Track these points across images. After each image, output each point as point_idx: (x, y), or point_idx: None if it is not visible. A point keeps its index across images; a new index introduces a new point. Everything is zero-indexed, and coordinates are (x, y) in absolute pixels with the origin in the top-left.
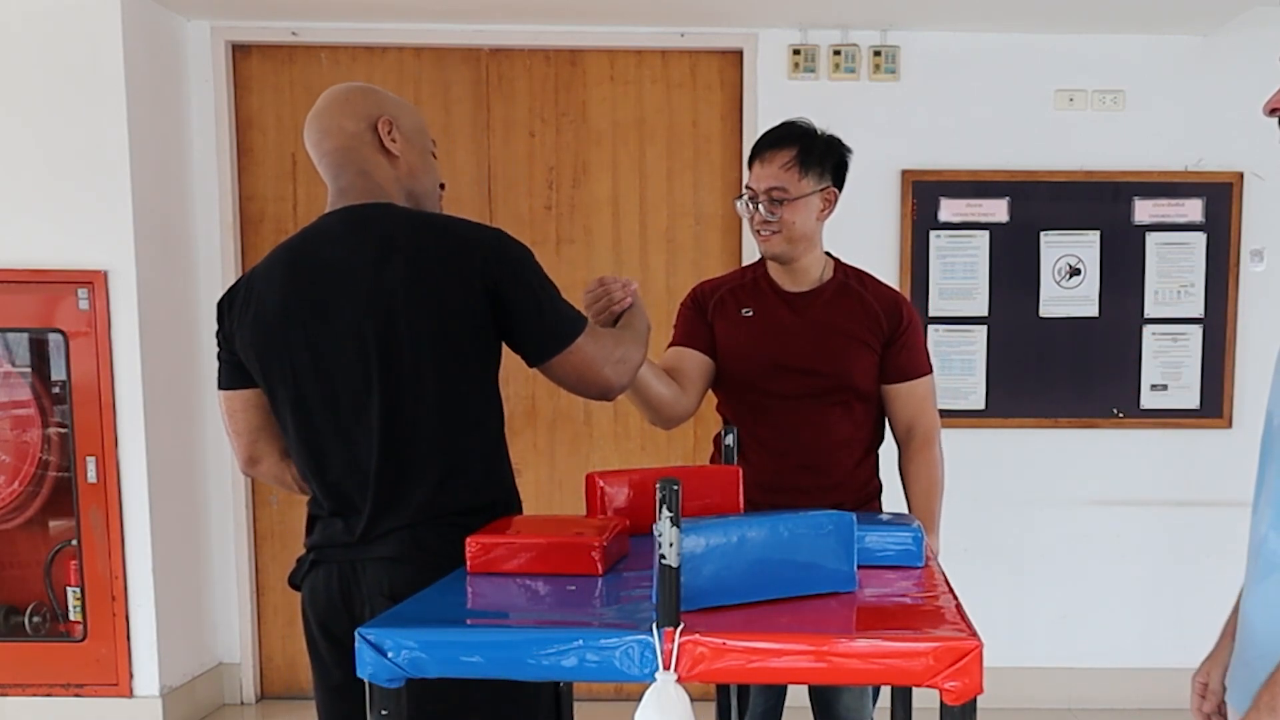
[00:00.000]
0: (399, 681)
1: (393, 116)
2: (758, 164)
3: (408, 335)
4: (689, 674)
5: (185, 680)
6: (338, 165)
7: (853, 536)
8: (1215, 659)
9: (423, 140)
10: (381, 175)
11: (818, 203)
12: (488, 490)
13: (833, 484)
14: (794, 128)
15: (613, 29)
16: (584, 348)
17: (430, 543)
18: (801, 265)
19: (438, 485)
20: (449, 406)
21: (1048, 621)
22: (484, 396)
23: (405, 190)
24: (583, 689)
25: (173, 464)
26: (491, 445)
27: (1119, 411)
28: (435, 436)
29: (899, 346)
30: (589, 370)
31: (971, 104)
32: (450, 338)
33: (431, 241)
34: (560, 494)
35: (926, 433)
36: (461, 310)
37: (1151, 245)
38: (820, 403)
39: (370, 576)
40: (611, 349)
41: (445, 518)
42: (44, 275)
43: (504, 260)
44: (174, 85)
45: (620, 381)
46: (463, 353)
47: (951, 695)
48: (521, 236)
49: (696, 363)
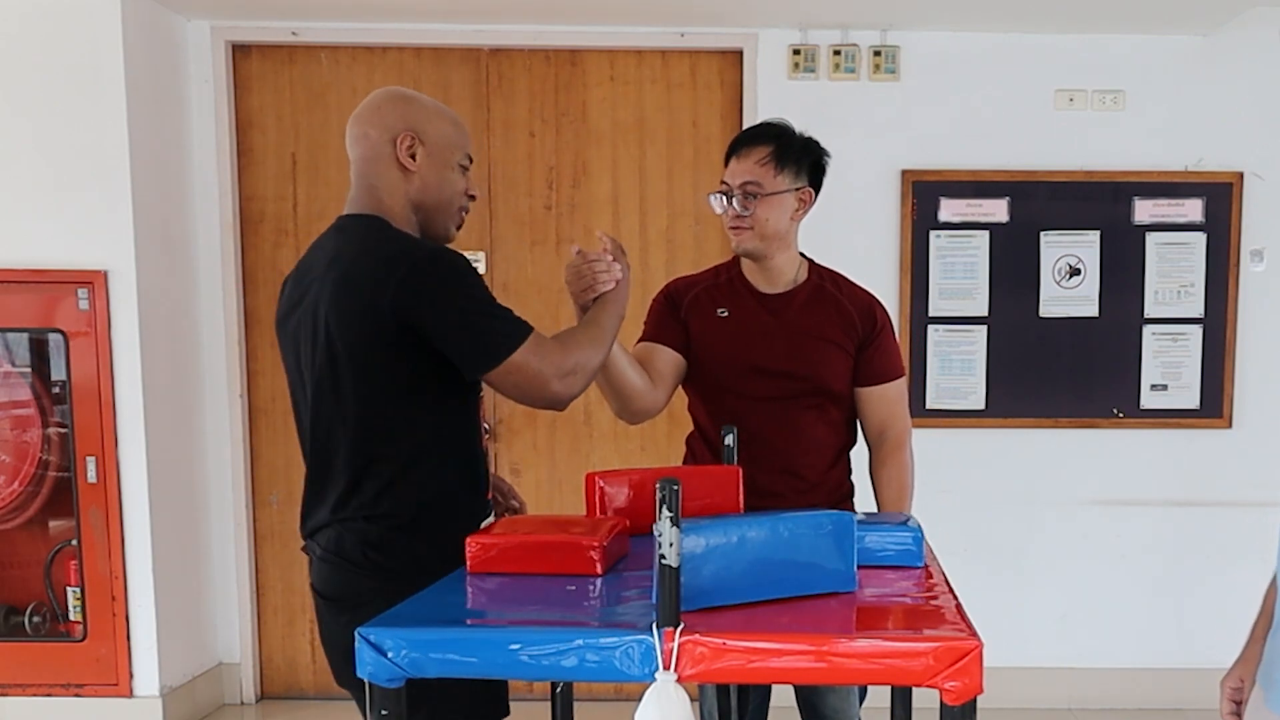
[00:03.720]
0: (399, 681)
1: (418, 131)
2: (734, 160)
3: (330, 346)
4: (689, 674)
5: (185, 680)
6: (357, 174)
7: (853, 536)
8: (1247, 662)
9: (450, 155)
10: (387, 189)
11: (792, 201)
12: (393, 499)
13: (808, 486)
14: (771, 126)
15: (613, 29)
16: (521, 363)
17: (347, 544)
18: (775, 265)
19: (351, 488)
20: (366, 416)
21: (1048, 621)
22: (409, 408)
23: (413, 205)
24: (583, 689)
25: (173, 464)
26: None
27: (1119, 411)
28: (352, 441)
29: (873, 349)
30: (530, 385)
31: (971, 104)
32: (367, 353)
33: (359, 263)
34: (560, 494)
35: (899, 436)
36: (374, 331)
37: (1151, 245)
38: (795, 405)
39: (312, 569)
40: (559, 360)
41: (359, 520)
42: (44, 275)
43: (420, 283)
44: (174, 85)
45: (570, 393)
46: (381, 367)
47: (951, 695)
48: (521, 236)
49: (667, 359)
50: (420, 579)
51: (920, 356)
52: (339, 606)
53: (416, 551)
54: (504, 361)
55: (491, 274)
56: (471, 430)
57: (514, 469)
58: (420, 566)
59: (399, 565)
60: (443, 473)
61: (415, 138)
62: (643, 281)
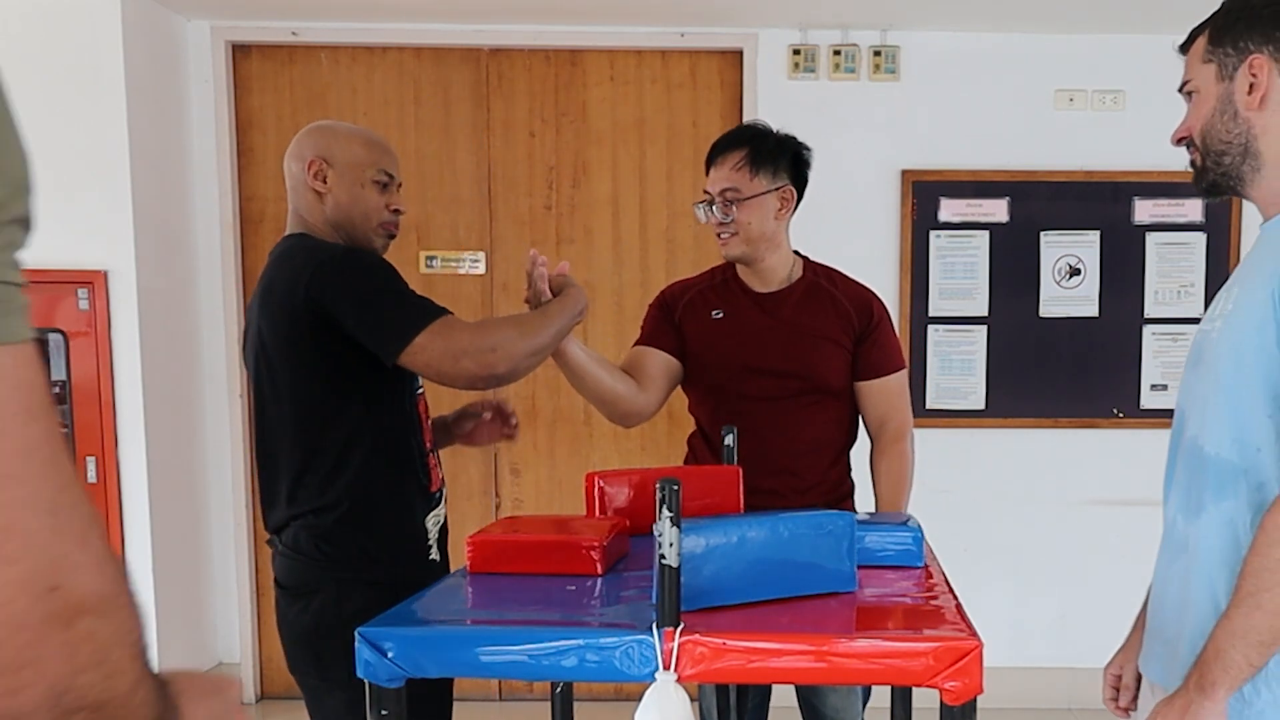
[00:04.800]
0: (399, 681)
1: (326, 155)
2: (713, 168)
3: (264, 350)
4: (689, 674)
5: None
6: (290, 201)
7: (853, 536)
8: (1128, 651)
9: (361, 173)
10: (308, 211)
11: (773, 202)
12: (334, 489)
13: (806, 486)
14: (746, 129)
15: (613, 29)
16: (427, 344)
17: (303, 539)
18: (767, 266)
19: (296, 481)
20: (300, 410)
21: (1048, 621)
22: (338, 399)
23: (332, 224)
24: (583, 689)
25: (173, 464)
26: (348, 444)
27: (1119, 411)
28: (291, 436)
29: (870, 343)
30: (441, 364)
31: (971, 104)
32: (293, 349)
33: (281, 271)
34: (560, 494)
35: (899, 428)
36: (295, 327)
37: (1151, 245)
38: (792, 404)
39: (274, 562)
40: (471, 339)
41: (310, 515)
42: (44, 275)
43: (328, 277)
44: (174, 85)
45: (490, 372)
46: (307, 361)
47: (951, 695)
48: (521, 236)
49: (658, 362)
50: (370, 568)
51: (920, 356)
52: (292, 594)
53: (360, 541)
54: (411, 342)
55: (491, 274)
56: (407, 421)
57: (514, 469)
58: (368, 555)
59: (346, 555)
60: (377, 461)
61: (324, 161)
62: (643, 282)
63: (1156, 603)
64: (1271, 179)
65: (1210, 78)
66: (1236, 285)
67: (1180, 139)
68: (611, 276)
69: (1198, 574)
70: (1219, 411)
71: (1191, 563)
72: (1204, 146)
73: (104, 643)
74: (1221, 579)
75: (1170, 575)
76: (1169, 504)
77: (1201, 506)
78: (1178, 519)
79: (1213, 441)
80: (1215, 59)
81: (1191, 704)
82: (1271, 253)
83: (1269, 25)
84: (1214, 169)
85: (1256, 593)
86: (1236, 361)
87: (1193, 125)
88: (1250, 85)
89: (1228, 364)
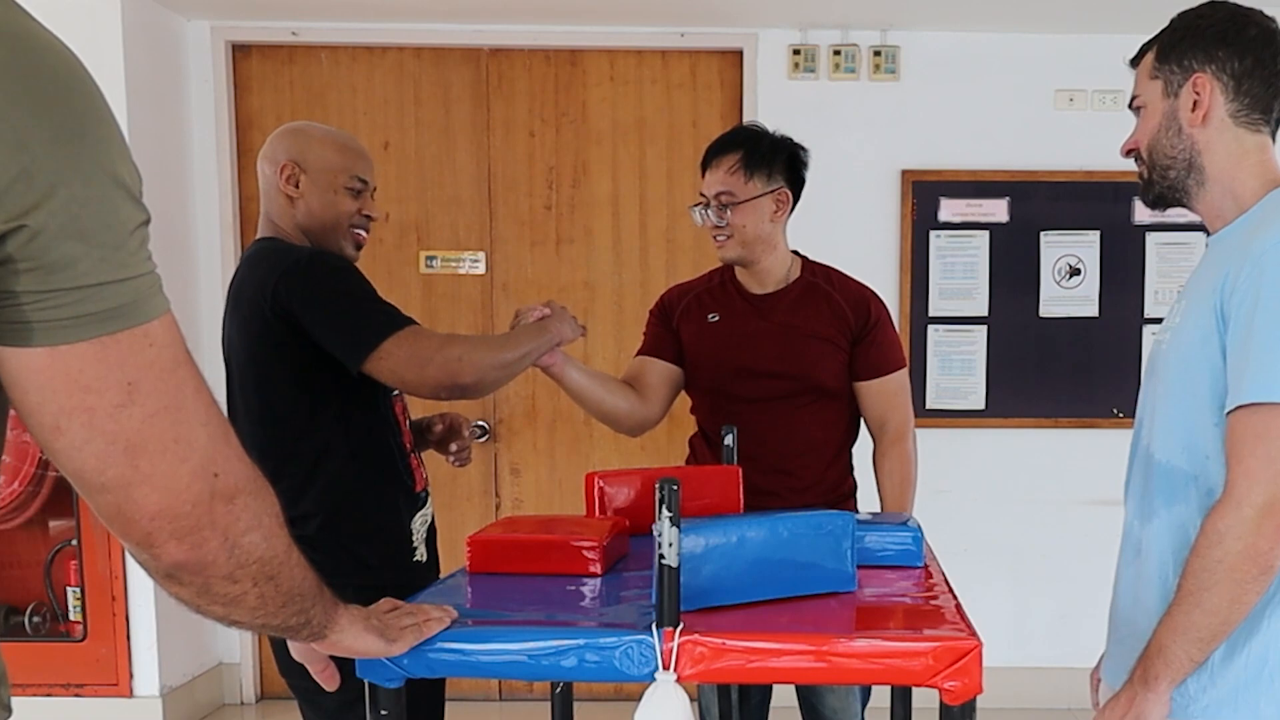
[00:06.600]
0: (399, 681)
1: (299, 159)
2: (708, 171)
3: (235, 357)
4: (689, 674)
5: (185, 680)
6: (261, 203)
7: (852, 536)
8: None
9: (334, 178)
10: (278, 214)
11: (768, 204)
12: (308, 498)
13: (803, 486)
14: (741, 131)
15: (613, 29)
16: (392, 351)
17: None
18: (764, 267)
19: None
20: (271, 418)
21: (1048, 621)
22: (310, 406)
23: (302, 229)
24: (583, 689)
25: None
26: (322, 451)
27: (1119, 411)
28: (264, 444)
29: (868, 343)
30: (406, 371)
31: (971, 104)
32: (261, 356)
33: (251, 275)
34: (560, 494)
35: (899, 428)
36: (262, 334)
37: (1151, 245)
38: (788, 405)
39: None
40: (437, 349)
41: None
42: None
43: (294, 283)
44: (174, 85)
45: (454, 381)
46: (275, 368)
47: (951, 695)
48: (521, 236)
49: (659, 371)
50: (358, 573)
51: (920, 356)
52: None
53: (347, 545)
54: (377, 348)
55: (491, 274)
56: (384, 423)
57: (514, 469)
58: (356, 560)
59: (335, 562)
60: (354, 466)
61: (296, 165)
62: (643, 282)
63: (1113, 606)
64: (1215, 194)
65: (1157, 93)
66: (1185, 298)
67: (1129, 150)
68: (611, 277)
69: (1149, 577)
70: (1169, 420)
71: (1143, 566)
72: (1150, 160)
73: (257, 511)
74: (1172, 582)
75: (1125, 577)
76: (1127, 509)
77: (1154, 511)
78: (1134, 523)
79: (1163, 449)
80: (1161, 75)
81: (1136, 696)
82: (1216, 267)
83: (1212, 44)
84: (1160, 182)
85: (1196, 591)
86: (1184, 373)
87: (1140, 139)
88: (1194, 102)
89: (1176, 375)
